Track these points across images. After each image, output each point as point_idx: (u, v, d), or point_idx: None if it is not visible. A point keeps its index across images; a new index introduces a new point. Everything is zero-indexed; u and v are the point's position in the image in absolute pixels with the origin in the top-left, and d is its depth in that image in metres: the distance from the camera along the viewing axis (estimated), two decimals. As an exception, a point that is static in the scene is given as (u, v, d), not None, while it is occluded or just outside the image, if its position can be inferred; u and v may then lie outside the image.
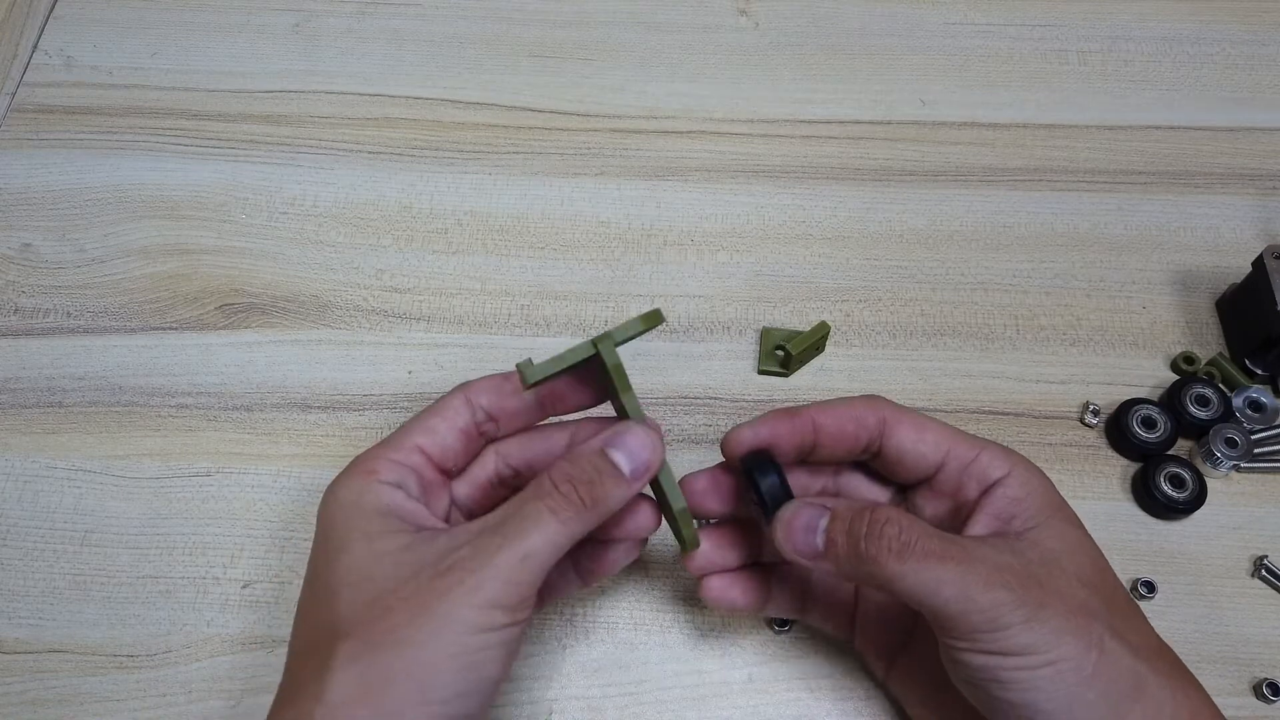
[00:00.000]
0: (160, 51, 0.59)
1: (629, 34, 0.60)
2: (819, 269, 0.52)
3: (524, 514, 0.32)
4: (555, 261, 0.52)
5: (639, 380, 0.48)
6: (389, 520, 0.32)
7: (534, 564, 0.31)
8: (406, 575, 0.31)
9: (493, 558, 0.30)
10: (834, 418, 0.36)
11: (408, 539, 0.32)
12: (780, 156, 0.55)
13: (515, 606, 0.31)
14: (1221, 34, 0.60)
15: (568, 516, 0.31)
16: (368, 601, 0.30)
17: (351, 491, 0.33)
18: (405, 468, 0.34)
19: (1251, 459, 0.45)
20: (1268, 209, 0.53)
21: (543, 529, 0.31)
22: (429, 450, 0.35)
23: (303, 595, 0.33)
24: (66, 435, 0.46)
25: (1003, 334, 0.49)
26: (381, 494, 0.33)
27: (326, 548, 0.33)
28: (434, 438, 0.35)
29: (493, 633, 0.30)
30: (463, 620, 0.30)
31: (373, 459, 0.34)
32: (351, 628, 0.30)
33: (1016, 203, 0.54)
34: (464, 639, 0.30)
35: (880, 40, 0.60)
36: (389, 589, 0.30)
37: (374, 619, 0.30)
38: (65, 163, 0.55)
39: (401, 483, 0.34)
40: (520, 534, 0.31)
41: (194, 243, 0.52)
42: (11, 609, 0.42)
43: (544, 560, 0.31)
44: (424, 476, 0.35)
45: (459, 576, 0.30)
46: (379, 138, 0.56)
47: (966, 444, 0.35)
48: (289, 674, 0.32)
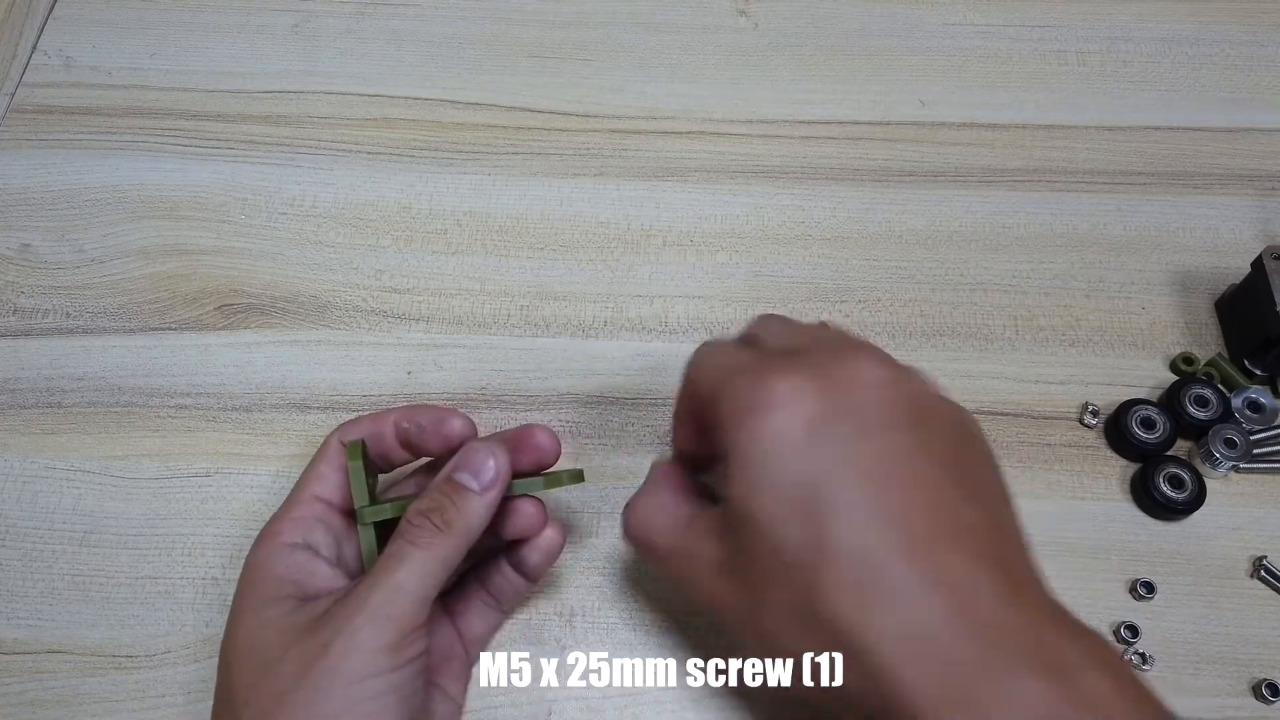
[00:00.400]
0: (159, 52, 0.59)
1: (628, 34, 0.60)
2: (818, 269, 0.52)
3: (388, 554, 0.33)
4: (555, 262, 0.52)
5: (638, 380, 0.48)
6: (282, 586, 0.34)
7: (406, 596, 0.31)
8: (290, 639, 0.31)
9: (365, 601, 0.31)
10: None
11: (295, 604, 0.33)
12: (779, 157, 0.55)
13: (397, 645, 0.31)
14: (1221, 34, 0.60)
15: (428, 542, 0.32)
16: (256, 671, 0.31)
17: (261, 556, 0.35)
18: (309, 521, 0.36)
19: (1250, 459, 0.45)
20: (1267, 209, 0.53)
21: (408, 561, 0.32)
22: (325, 496, 0.37)
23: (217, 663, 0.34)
24: (65, 436, 0.46)
25: (1002, 334, 0.49)
26: (281, 556, 0.34)
27: (230, 617, 0.34)
28: (325, 482, 0.37)
29: (379, 678, 0.30)
30: (347, 670, 0.30)
31: (276, 521, 0.36)
32: (246, 698, 0.31)
33: (1016, 203, 0.54)
34: (351, 690, 0.30)
35: (879, 41, 0.60)
36: (274, 656, 0.31)
37: (264, 688, 0.31)
38: (64, 163, 0.55)
39: (306, 538, 0.35)
40: (387, 571, 0.32)
41: (193, 243, 0.52)
42: (10, 609, 0.42)
43: (417, 590, 0.32)
44: (329, 524, 0.36)
45: (335, 628, 0.31)
46: (378, 138, 0.56)
47: None
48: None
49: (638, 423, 0.47)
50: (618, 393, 0.48)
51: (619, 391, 0.48)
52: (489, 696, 0.40)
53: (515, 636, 0.41)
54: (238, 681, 0.32)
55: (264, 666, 0.31)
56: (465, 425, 0.38)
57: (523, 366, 0.48)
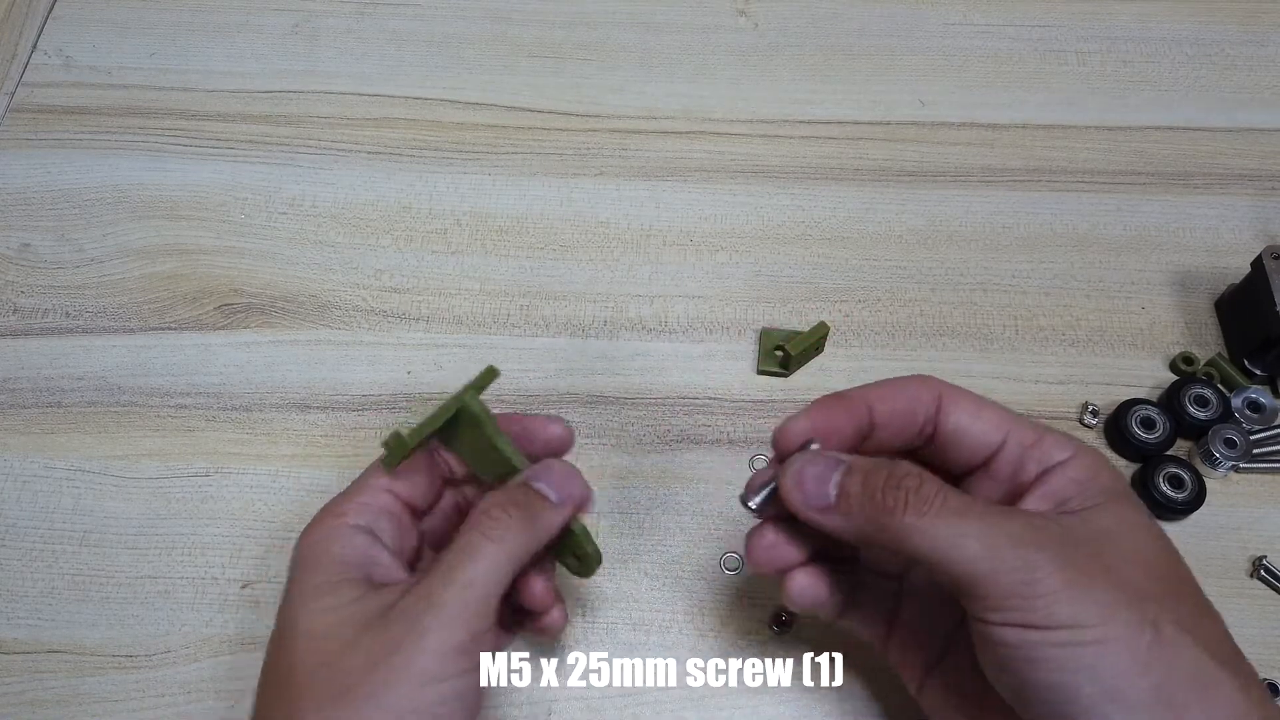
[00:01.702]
0: (159, 51, 0.59)
1: (628, 34, 0.60)
2: (818, 269, 0.52)
3: (458, 546, 0.31)
4: (555, 262, 0.52)
5: (638, 380, 0.48)
6: (346, 570, 0.32)
7: (477, 593, 0.30)
8: (358, 630, 0.30)
9: (439, 598, 0.30)
10: (889, 399, 0.33)
11: (361, 591, 0.31)
12: (779, 157, 0.55)
13: (467, 647, 0.30)
14: (1221, 34, 0.60)
15: (501, 535, 0.31)
16: (321, 657, 0.30)
17: (319, 535, 0.33)
18: (374, 508, 0.34)
19: (1250, 459, 0.45)
20: (1267, 209, 0.53)
21: (481, 555, 0.31)
22: (398, 491, 0.35)
23: (269, 643, 0.32)
24: (65, 435, 0.46)
25: (1002, 334, 0.49)
26: (347, 539, 0.33)
27: (288, 596, 0.32)
28: (401, 478, 0.35)
29: (447, 682, 0.29)
30: (417, 670, 0.29)
31: (342, 501, 0.34)
32: (310, 687, 0.29)
33: (1016, 203, 0.54)
34: (420, 691, 0.29)
35: (879, 41, 0.60)
36: (341, 645, 0.30)
37: (330, 678, 0.29)
38: (64, 163, 0.55)
39: (371, 526, 0.34)
40: (458, 565, 0.30)
41: (193, 243, 0.52)
42: (10, 609, 0.42)
43: (488, 587, 0.30)
44: (396, 517, 0.35)
45: (407, 624, 0.30)
46: (378, 138, 0.56)
47: (1028, 427, 0.32)
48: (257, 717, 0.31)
49: (638, 423, 0.47)
50: (618, 393, 0.48)
51: (619, 391, 0.48)
52: (489, 696, 0.40)
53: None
54: (299, 665, 0.30)
55: (330, 655, 0.30)
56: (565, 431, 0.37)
57: (522, 366, 0.48)
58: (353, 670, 0.29)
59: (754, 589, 0.42)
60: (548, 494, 0.33)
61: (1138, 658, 0.26)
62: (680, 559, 0.43)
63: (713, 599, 0.42)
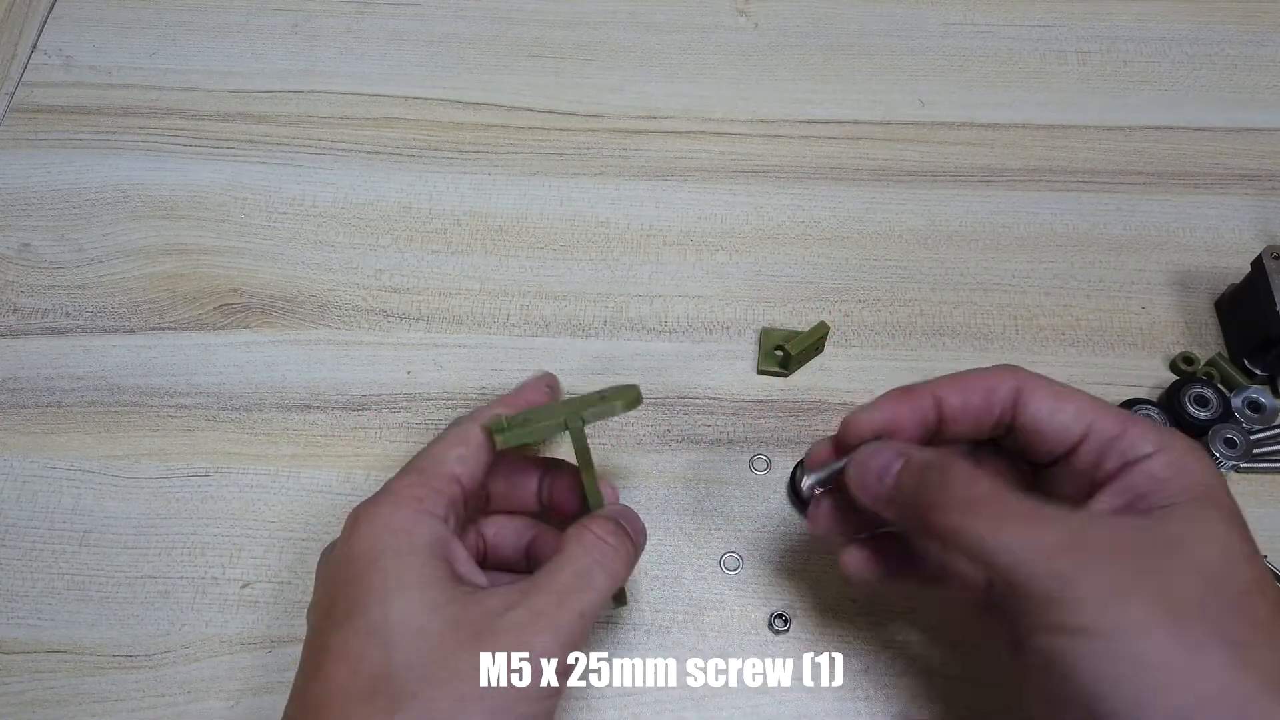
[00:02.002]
0: (159, 51, 0.59)
1: (628, 34, 0.60)
2: (818, 269, 0.52)
3: (577, 571, 0.31)
4: (555, 262, 0.52)
5: (638, 380, 0.48)
6: (439, 564, 0.30)
7: (588, 622, 0.30)
8: (465, 635, 0.29)
9: (554, 620, 0.29)
10: (960, 392, 0.32)
11: (456, 591, 0.30)
12: (780, 156, 0.55)
13: (568, 669, 0.30)
14: (1221, 34, 0.60)
15: (613, 568, 0.31)
16: (428, 659, 0.28)
17: (401, 520, 0.31)
18: (446, 497, 0.32)
19: (1250, 459, 0.45)
20: (1267, 209, 0.53)
21: (595, 586, 0.30)
22: (464, 480, 0.33)
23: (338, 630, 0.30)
24: (65, 435, 0.46)
25: (1002, 334, 0.49)
26: (432, 528, 0.31)
27: (372, 583, 0.30)
28: (466, 466, 0.33)
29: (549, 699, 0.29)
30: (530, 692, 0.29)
31: (416, 485, 0.32)
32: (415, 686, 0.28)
33: (1016, 203, 0.54)
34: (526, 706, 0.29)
35: (879, 41, 0.60)
36: (450, 649, 0.29)
37: (440, 680, 0.28)
38: (64, 163, 0.55)
39: (446, 516, 0.32)
40: (576, 591, 0.30)
41: (193, 243, 0.52)
42: (10, 609, 0.42)
43: (595, 617, 0.30)
44: (460, 509, 0.33)
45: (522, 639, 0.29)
46: (378, 138, 0.56)
47: (1113, 417, 0.31)
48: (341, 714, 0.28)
49: (638, 422, 0.47)
50: (618, 392, 0.48)
51: (619, 391, 0.48)
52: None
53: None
54: (402, 663, 0.28)
55: (438, 659, 0.28)
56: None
57: (522, 366, 0.48)
58: (468, 678, 0.28)
59: (754, 589, 0.42)
60: (635, 537, 0.33)
61: (1164, 676, 0.25)
62: (680, 559, 0.43)
63: (713, 599, 0.42)
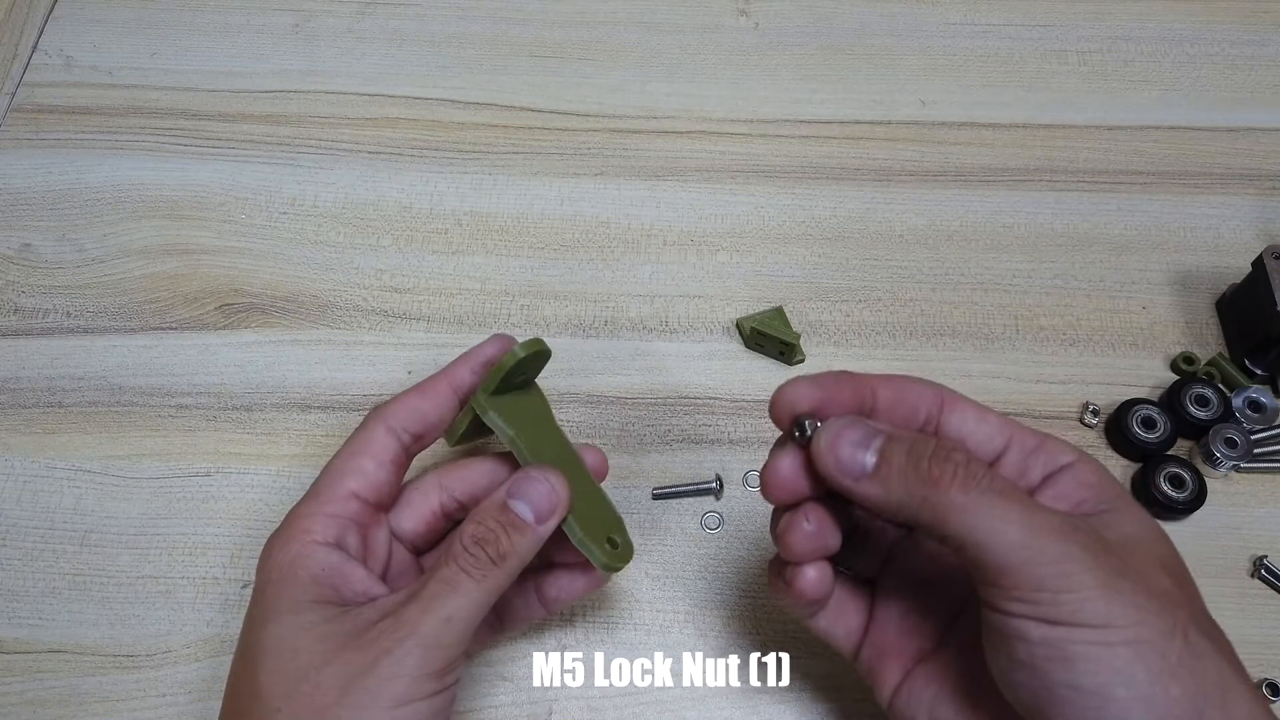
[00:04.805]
0: (160, 51, 0.59)
1: (629, 34, 0.60)
2: (819, 269, 0.52)
3: (440, 578, 0.32)
4: (555, 261, 0.52)
5: (639, 380, 0.48)
6: (319, 589, 0.32)
7: (457, 627, 0.31)
8: (332, 649, 0.30)
9: (416, 626, 0.30)
10: (893, 390, 0.32)
11: (334, 610, 0.32)
12: (780, 156, 0.55)
13: (443, 672, 0.30)
14: (1221, 34, 0.60)
15: (481, 575, 0.32)
16: (292, 676, 0.30)
17: (287, 554, 0.33)
18: (343, 520, 0.34)
19: (1251, 459, 0.45)
20: (1267, 209, 0.53)
21: (460, 591, 0.31)
22: (363, 494, 0.35)
23: (234, 658, 0.33)
24: (66, 435, 0.46)
25: (1002, 334, 0.49)
26: (317, 556, 0.33)
27: (256, 613, 0.32)
28: (365, 479, 0.35)
29: (421, 702, 0.30)
30: (391, 692, 0.29)
31: (307, 516, 0.34)
32: (279, 702, 0.30)
33: (1016, 203, 0.54)
34: (394, 712, 0.29)
35: (880, 40, 0.60)
36: (315, 663, 0.30)
37: (303, 697, 0.29)
38: (65, 163, 0.55)
39: (340, 538, 0.34)
40: (439, 598, 0.31)
41: (194, 243, 0.52)
42: (11, 609, 0.42)
43: (466, 622, 0.31)
44: (362, 523, 0.35)
45: (385, 646, 0.30)
46: (379, 138, 0.56)
47: (1029, 433, 0.32)
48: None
49: (638, 422, 0.47)
50: (618, 392, 0.48)
51: (619, 391, 0.48)
52: (490, 696, 0.40)
53: (516, 636, 0.41)
54: (268, 684, 0.30)
55: (302, 673, 0.30)
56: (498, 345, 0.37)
57: (523, 366, 0.48)
58: (328, 689, 0.29)
59: (754, 588, 0.42)
60: (525, 517, 0.33)
61: (1170, 664, 0.26)
62: (680, 559, 0.43)
63: (713, 599, 0.42)
